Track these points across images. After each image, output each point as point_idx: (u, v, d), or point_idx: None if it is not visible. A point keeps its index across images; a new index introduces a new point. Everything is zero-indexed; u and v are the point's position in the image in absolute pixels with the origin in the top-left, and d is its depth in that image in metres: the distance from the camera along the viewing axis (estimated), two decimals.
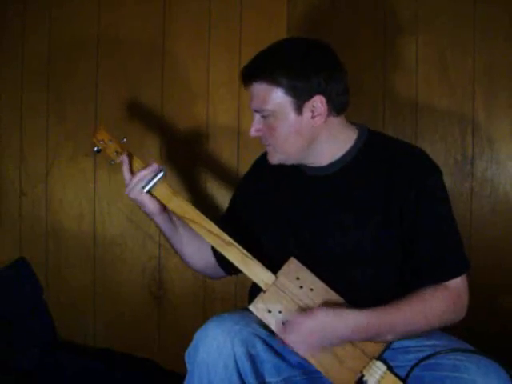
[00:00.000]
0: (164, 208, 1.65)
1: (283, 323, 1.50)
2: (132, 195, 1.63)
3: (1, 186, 2.39)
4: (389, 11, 2.17)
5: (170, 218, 1.68)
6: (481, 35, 2.14)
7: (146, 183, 1.61)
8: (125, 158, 1.65)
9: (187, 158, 2.29)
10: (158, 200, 1.63)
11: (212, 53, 2.27)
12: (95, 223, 2.35)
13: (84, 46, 2.32)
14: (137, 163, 1.66)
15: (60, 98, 2.34)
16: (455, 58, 2.15)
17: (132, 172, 1.64)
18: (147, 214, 1.67)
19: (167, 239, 1.74)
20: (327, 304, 1.50)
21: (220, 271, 1.77)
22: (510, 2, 2.12)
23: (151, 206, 1.63)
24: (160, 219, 1.67)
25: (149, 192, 1.62)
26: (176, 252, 1.77)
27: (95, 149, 1.69)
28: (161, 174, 1.62)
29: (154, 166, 1.62)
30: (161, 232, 1.74)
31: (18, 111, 2.36)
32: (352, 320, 1.46)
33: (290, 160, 1.61)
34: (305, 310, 1.51)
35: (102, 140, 1.68)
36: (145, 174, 1.62)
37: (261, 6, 2.25)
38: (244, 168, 1.87)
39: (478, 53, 2.14)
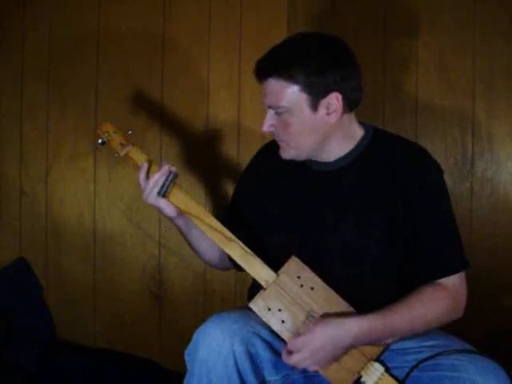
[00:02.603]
0: (181, 211, 1.63)
1: (283, 321, 1.50)
2: (149, 201, 1.61)
3: (1, 186, 2.39)
4: (389, 11, 2.18)
5: (188, 220, 1.66)
6: (481, 35, 2.14)
7: (161, 188, 1.60)
8: (145, 164, 1.63)
9: (188, 157, 2.29)
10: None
11: (212, 53, 2.27)
12: (95, 223, 2.35)
13: (84, 46, 2.32)
14: (153, 167, 1.64)
15: (60, 97, 2.34)
16: (455, 58, 2.15)
17: (147, 176, 1.63)
18: (167, 217, 1.66)
19: (185, 239, 1.73)
20: (326, 313, 1.49)
21: (231, 266, 1.76)
22: (510, 2, 2.12)
23: (169, 210, 1.61)
24: (178, 221, 1.66)
25: (165, 196, 1.60)
26: (194, 251, 1.77)
27: (100, 141, 1.69)
28: (171, 177, 1.60)
29: (165, 169, 1.60)
30: (179, 233, 1.72)
31: (18, 111, 2.36)
32: (354, 327, 1.45)
33: (303, 156, 1.60)
34: (303, 315, 1.50)
35: (107, 132, 1.68)
36: (158, 178, 1.60)
37: (261, 7, 2.25)
38: (244, 166, 1.86)
39: (478, 53, 2.14)
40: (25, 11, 2.34)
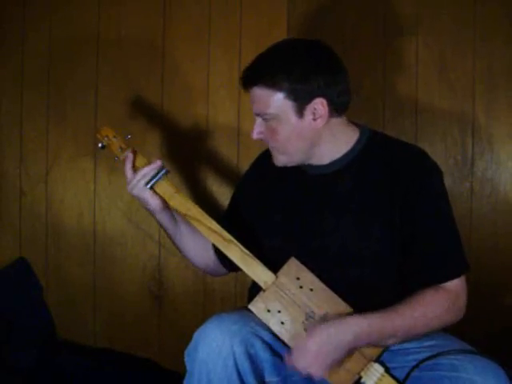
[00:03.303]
0: (166, 205, 1.66)
1: (283, 323, 1.51)
2: (135, 192, 1.64)
3: (1, 186, 2.39)
4: (389, 11, 2.17)
5: (172, 215, 1.69)
6: (481, 35, 2.14)
7: (149, 180, 1.63)
8: (129, 155, 1.66)
9: (188, 158, 2.29)
10: (160, 197, 1.64)
11: (212, 53, 2.27)
12: (95, 223, 2.35)
13: (84, 47, 2.32)
14: (140, 160, 1.67)
15: (60, 97, 2.34)
16: (455, 58, 2.15)
17: (135, 169, 1.65)
18: (149, 211, 1.68)
19: (168, 236, 1.75)
20: (326, 315, 1.49)
21: (221, 268, 1.77)
22: (510, 3, 2.12)
23: (153, 202, 1.64)
24: (162, 216, 1.68)
25: (151, 189, 1.63)
26: (178, 249, 1.78)
27: (100, 145, 1.71)
28: (163, 171, 1.64)
29: (158, 163, 1.64)
30: (162, 229, 1.74)
31: (18, 111, 2.36)
32: (354, 326, 1.45)
33: (294, 161, 1.61)
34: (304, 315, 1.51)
35: (107, 136, 1.70)
36: (148, 170, 1.63)
37: (261, 7, 2.25)
38: (244, 168, 1.87)
39: (478, 53, 2.14)
40: (25, 12, 2.33)
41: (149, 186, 1.63)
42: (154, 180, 1.63)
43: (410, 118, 2.18)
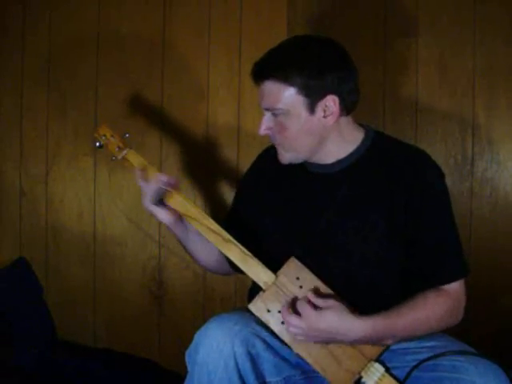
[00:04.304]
0: (179, 218, 1.63)
1: (283, 323, 1.50)
2: (145, 206, 1.61)
3: (1, 186, 2.39)
4: (389, 11, 2.17)
5: (185, 226, 1.66)
6: (481, 36, 2.14)
7: (153, 195, 1.59)
8: (138, 172, 1.61)
9: (188, 158, 2.29)
10: (170, 210, 1.61)
11: (212, 53, 2.27)
12: (95, 223, 2.35)
13: (84, 46, 2.32)
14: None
15: (60, 97, 2.34)
16: (455, 58, 2.15)
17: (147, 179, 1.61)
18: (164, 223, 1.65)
19: (181, 244, 1.72)
20: (337, 305, 1.47)
21: (232, 271, 1.75)
22: (510, 3, 2.12)
23: (164, 217, 1.61)
24: (176, 228, 1.65)
25: (158, 204, 1.60)
26: (189, 255, 1.75)
27: (97, 144, 1.69)
28: (164, 187, 1.60)
29: (158, 177, 1.59)
30: (176, 238, 1.71)
31: (18, 111, 2.36)
32: (359, 330, 1.44)
33: (300, 159, 1.61)
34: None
35: (104, 135, 1.68)
36: (150, 186, 1.59)
37: (261, 7, 2.25)
38: (244, 168, 1.87)
39: (478, 53, 2.14)
40: (25, 11, 2.34)
41: (153, 202, 1.60)
42: (158, 194, 1.59)
43: (410, 118, 2.18)
